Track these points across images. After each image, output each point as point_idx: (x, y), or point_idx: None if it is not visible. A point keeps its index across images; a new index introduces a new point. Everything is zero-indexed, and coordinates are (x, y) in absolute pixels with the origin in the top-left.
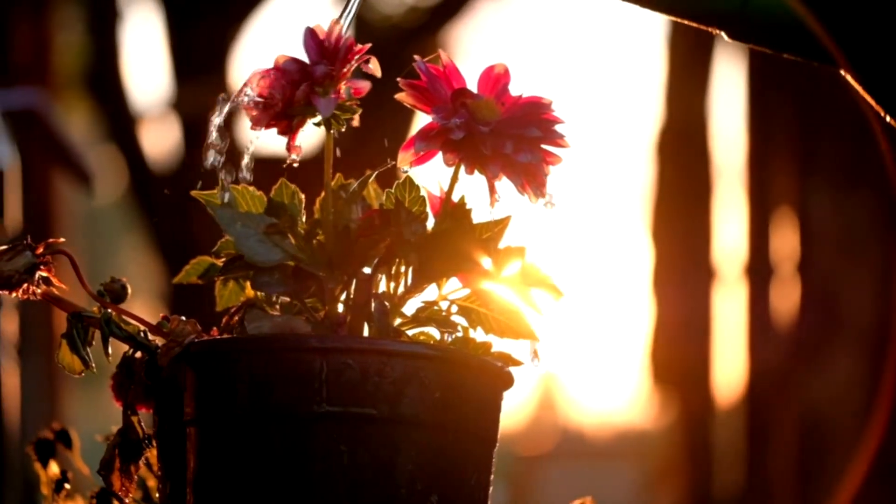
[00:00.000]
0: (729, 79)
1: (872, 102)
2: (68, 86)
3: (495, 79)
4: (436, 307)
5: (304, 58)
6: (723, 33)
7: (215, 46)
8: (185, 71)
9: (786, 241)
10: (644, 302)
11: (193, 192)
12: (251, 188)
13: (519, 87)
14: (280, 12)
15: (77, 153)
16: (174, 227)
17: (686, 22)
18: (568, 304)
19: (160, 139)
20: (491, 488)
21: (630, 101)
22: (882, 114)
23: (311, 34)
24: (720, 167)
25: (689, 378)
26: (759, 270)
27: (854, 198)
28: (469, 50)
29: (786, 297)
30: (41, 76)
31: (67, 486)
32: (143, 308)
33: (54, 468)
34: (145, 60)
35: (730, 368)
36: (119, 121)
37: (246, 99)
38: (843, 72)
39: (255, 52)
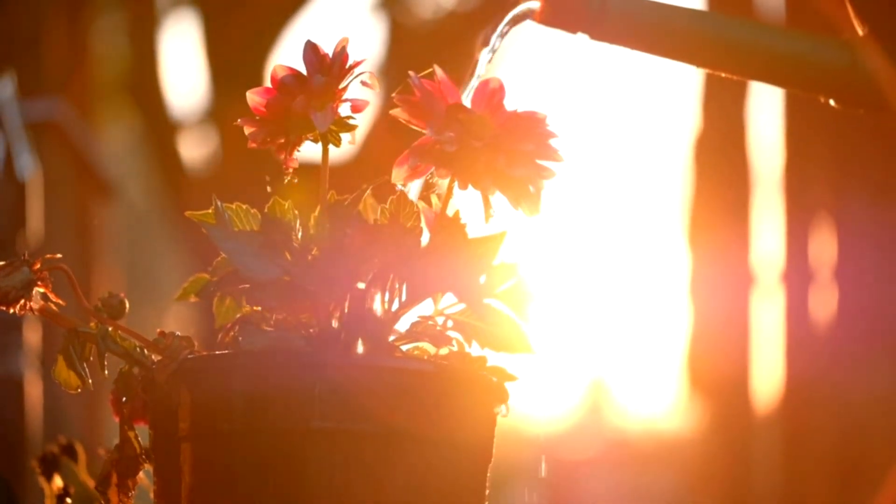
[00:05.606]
0: (766, 86)
1: None
2: (105, 95)
3: (490, 94)
4: (431, 322)
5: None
6: (831, 101)
7: (253, 54)
8: (223, 79)
9: (824, 248)
10: (682, 308)
11: (187, 213)
12: (244, 206)
13: (520, 102)
14: (318, 20)
15: (100, 165)
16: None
17: (796, 91)
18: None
19: (198, 147)
20: (487, 502)
21: (668, 108)
22: None
23: (311, 47)
24: (758, 174)
25: (727, 385)
26: (797, 277)
27: (892, 204)
28: (506, 56)
29: (824, 304)
30: (76, 86)
31: (69, 500)
32: (180, 320)
33: (58, 482)
34: (183, 69)
35: (768, 375)
36: (157, 129)
37: None
38: None
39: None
